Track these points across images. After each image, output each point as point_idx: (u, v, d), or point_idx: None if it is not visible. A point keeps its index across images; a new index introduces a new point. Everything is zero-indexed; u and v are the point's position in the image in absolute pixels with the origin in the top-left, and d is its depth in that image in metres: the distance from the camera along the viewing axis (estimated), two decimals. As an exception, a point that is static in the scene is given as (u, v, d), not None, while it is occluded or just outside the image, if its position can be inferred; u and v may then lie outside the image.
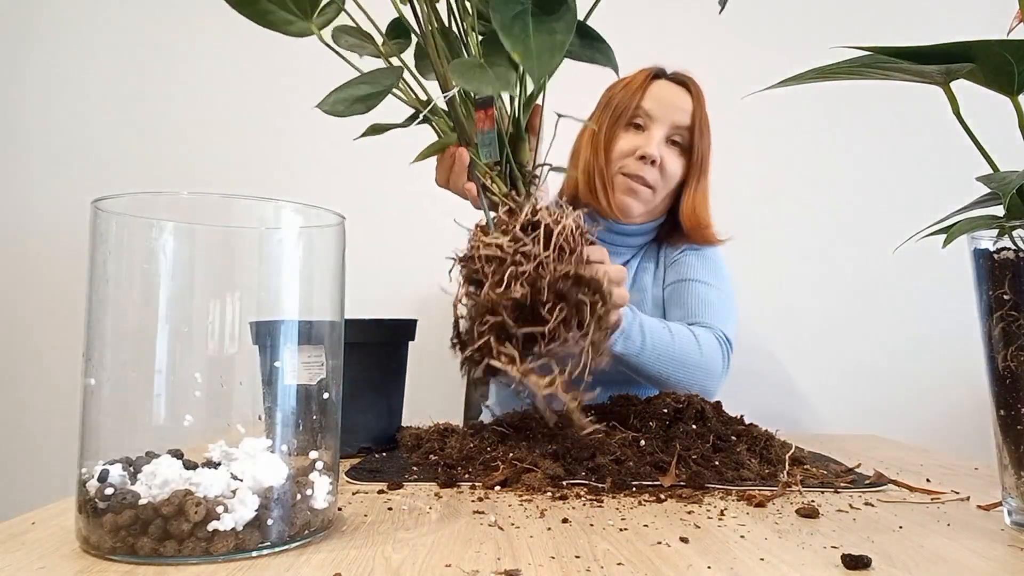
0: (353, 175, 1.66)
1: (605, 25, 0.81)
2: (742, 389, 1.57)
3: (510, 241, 0.67)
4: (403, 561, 0.43)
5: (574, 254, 0.68)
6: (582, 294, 0.65)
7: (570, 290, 0.65)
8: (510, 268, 0.66)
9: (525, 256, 0.67)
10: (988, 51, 0.45)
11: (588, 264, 0.71)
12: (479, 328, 0.66)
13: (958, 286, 1.65)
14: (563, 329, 0.66)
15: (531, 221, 0.68)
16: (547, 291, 0.64)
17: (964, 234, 0.50)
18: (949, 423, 1.68)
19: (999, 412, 0.52)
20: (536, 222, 0.68)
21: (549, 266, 0.66)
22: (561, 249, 0.67)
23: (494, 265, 0.67)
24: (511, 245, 0.67)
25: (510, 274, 0.65)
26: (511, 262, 0.66)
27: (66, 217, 1.67)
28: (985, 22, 1.66)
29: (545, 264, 0.66)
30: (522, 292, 0.64)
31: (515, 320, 0.65)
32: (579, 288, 0.66)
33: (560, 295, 0.65)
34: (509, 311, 0.65)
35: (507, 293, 0.64)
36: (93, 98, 1.71)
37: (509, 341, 0.66)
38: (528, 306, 0.65)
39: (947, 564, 0.44)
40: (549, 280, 0.65)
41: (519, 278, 0.65)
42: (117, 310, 0.46)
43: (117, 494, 0.43)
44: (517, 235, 0.67)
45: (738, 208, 1.70)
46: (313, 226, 0.50)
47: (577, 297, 0.65)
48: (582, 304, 0.65)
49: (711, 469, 0.68)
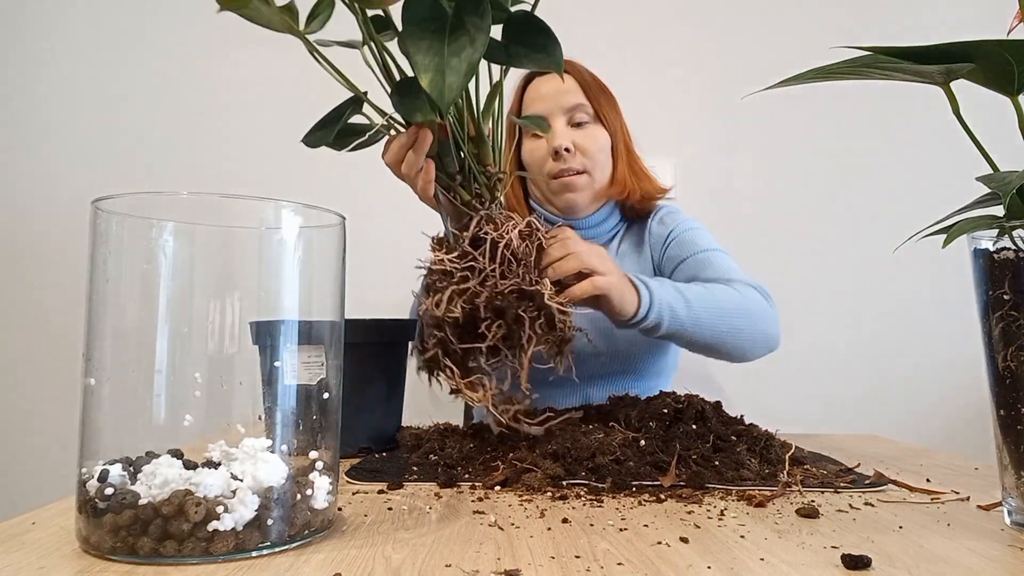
0: (353, 175, 1.65)
1: (605, 25, 0.80)
2: (742, 389, 1.57)
3: (456, 257, 0.68)
4: (403, 561, 0.43)
5: (522, 263, 0.68)
6: (522, 310, 0.66)
7: (508, 307, 0.66)
8: (452, 287, 0.67)
9: (471, 271, 0.67)
10: (988, 51, 0.45)
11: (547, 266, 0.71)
12: (429, 340, 0.68)
13: (958, 286, 1.65)
14: (503, 344, 0.67)
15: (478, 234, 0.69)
16: (484, 309, 0.65)
17: (964, 234, 0.50)
18: (949, 423, 1.68)
19: (999, 412, 0.52)
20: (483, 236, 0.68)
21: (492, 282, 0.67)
22: (509, 261, 0.68)
23: (445, 281, 0.68)
24: (455, 262, 0.67)
25: (452, 292, 0.66)
26: (457, 279, 0.67)
27: (66, 217, 1.67)
28: (985, 22, 1.66)
29: (487, 280, 0.67)
30: (460, 312, 0.66)
31: (459, 335, 0.67)
32: (520, 303, 0.66)
33: (498, 312, 0.66)
34: (452, 327, 0.67)
35: (448, 311, 0.65)
36: (93, 98, 1.71)
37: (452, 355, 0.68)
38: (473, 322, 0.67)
39: (947, 564, 0.44)
40: (487, 297, 0.66)
41: (459, 296, 0.66)
42: (117, 310, 0.46)
43: (117, 494, 0.43)
44: (465, 250, 0.68)
45: (738, 208, 1.71)
46: (313, 226, 0.50)
47: (516, 312, 0.66)
48: (520, 319, 0.66)
49: (711, 469, 0.68)
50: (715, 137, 1.74)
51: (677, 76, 1.73)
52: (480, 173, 0.73)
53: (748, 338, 0.94)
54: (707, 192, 1.70)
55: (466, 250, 0.68)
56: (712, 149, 1.73)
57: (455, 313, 0.65)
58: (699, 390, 0.86)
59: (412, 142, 0.72)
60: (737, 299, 0.94)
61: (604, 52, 1.65)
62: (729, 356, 0.96)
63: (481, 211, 0.71)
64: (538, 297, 0.66)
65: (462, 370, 0.69)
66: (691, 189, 1.67)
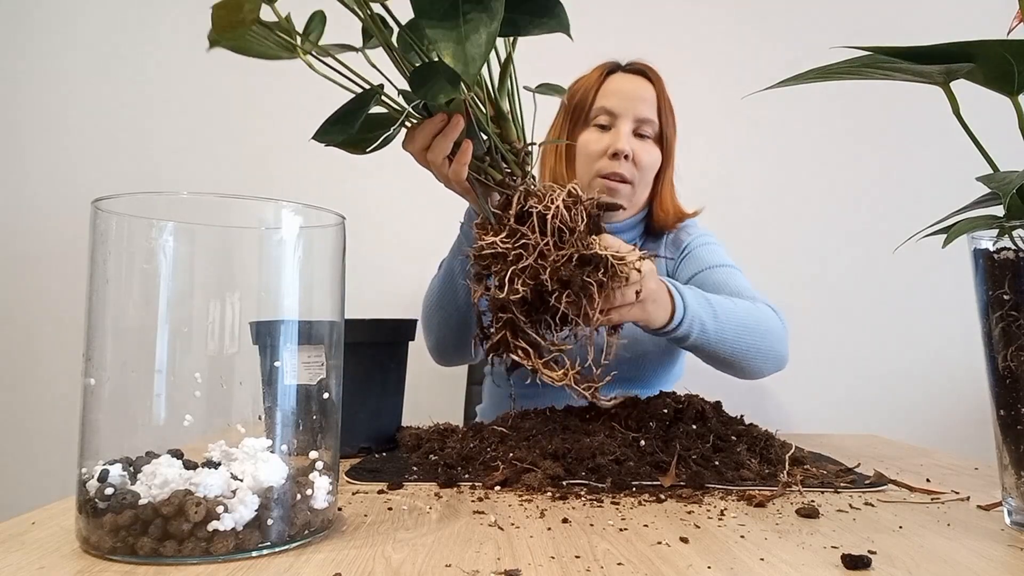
0: (353, 175, 1.66)
1: (604, 25, 0.80)
2: (742, 389, 1.57)
3: (506, 237, 0.67)
4: (403, 561, 0.43)
5: (575, 232, 0.67)
6: (587, 275, 0.65)
7: (574, 273, 0.65)
8: (511, 266, 0.66)
9: (525, 248, 0.66)
10: (988, 51, 0.45)
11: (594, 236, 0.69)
12: (496, 325, 0.67)
13: (958, 286, 1.65)
14: (574, 312, 0.66)
15: (522, 210, 0.68)
16: (551, 281, 0.64)
17: (964, 234, 0.50)
18: (949, 423, 1.68)
19: (999, 412, 0.52)
20: (528, 211, 0.67)
21: (550, 253, 0.65)
22: (560, 231, 0.66)
23: (499, 263, 0.67)
24: (507, 242, 0.67)
25: (512, 272, 0.65)
26: (512, 259, 0.66)
27: (66, 217, 1.67)
28: (985, 22, 1.66)
29: (546, 252, 0.66)
30: (524, 290, 0.65)
31: (528, 312, 0.66)
32: (583, 268, 0.65)
33: (564, 282, 0.65)
34: (519, 306, 0.66)
35: (512, 291, 0.65)
36: (93, 98, 1.71)
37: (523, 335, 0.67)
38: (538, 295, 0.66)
39: (947, 564, 0.44)
40: (551, 271, 0.65)
41: (521, 275, 0.65)
42: (117, 310, 0.46)
43: (117, 494, 0.43)
44: (513, 228, 0.67)
45: (738, 208, 1.71)
46: (313, 226, 0.50)
47: (582, 279, 0.65)
48: (588, 285, 0.65)
49: (711, 469, 0.68)
50: (715, 137, 1.74)
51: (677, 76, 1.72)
52: (507, 151, 0.72)
53: (763, 357, 0.94)
54: (707, 192, 1.70)
55: (514, 227, 0.67)
56: (712, 149, 1.73)
57: (520, 292, 0.65)
58: (699, 390, 0.86)
59: (441, 127, 0.70)
60: (758, 317, 0.95)
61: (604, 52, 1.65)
62: (742, 372, 0.97)
63: (519, 187, 0.70)
64: (597, 260, 0.66)
65: (537, 350, 0.68)
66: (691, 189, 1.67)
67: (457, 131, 0.70)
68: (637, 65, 1.15)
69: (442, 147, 0.71)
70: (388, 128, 0.69)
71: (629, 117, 1.10)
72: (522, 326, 0.67)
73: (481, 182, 0.74)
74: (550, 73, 0.85)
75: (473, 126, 0.70)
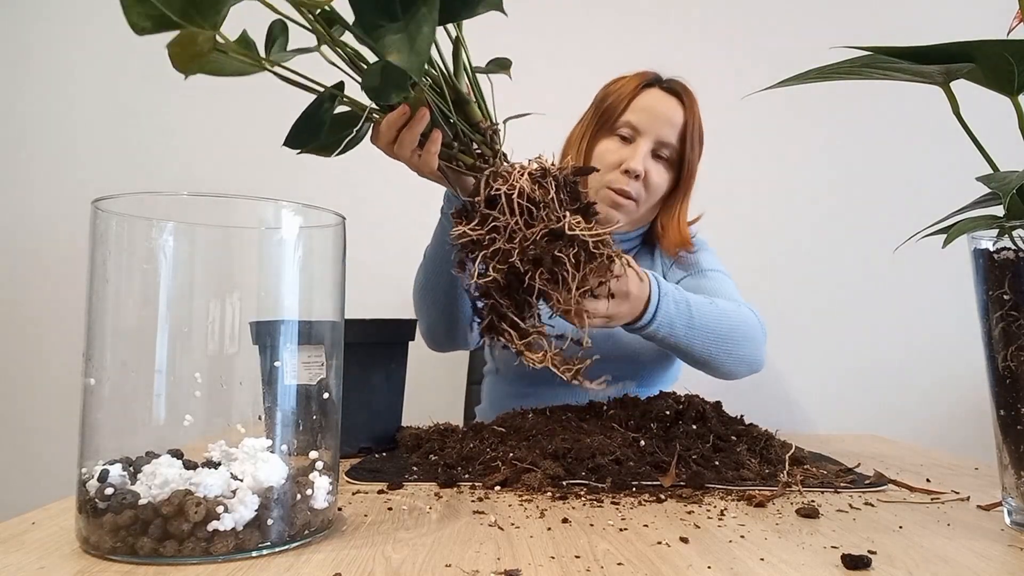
0: (352, 175, 1.66)
1: (603, 24, 0.80)
2: (742, 389, 1.57)
3: (476, 224, 0.67)
4: (403, 561, 0.43)
5: (542, 207, 0.66)
6: (558, 251, 0.65)
7: (543, 252, 0.65)
8: (482, 252, 0.66)
9: (497, 232, 0.66)
10: (988, 51, 0.45)
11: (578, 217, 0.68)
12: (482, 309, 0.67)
13: (958, 286, 1.65)
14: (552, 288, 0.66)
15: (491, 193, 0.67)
16: (522, 262, 0.65)
17: (964, 234, 0.50)
18: (949, 423, 1.68)
19: (999, 412, 0.52)
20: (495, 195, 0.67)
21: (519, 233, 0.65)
22: (528, 209, 0.66)
23: (476, 249, 0.67)
24: (477, 228, 0.66)
25: (483, 257, 0.66)
26: (484, 244, 0.66)
27: (66, 217, 1.67)
28: (985, 22, 1.66)
29: (515, 235, 0.65)
30: (496, 275, 0.65)
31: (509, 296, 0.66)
32: (555, 243, 0.65)
33: (536, 260, 0.65)
34: (498, 292, 0.66)
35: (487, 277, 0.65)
36: (93, 98, 1.71)
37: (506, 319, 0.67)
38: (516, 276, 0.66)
39: (947, 564, 0.44)
40: (519, 252, 0.65)
41: (492, 260, 0.65)
42: (117, 310, 0.46)
43: (117, 494, 0.43)
44: (484, 213, 0.67)
45: (738, 208, 1.71)
46: (313, 226, 0.50)
47: (553, 255, 0.65)
48: (560, 259, 0.65)
49: (711, 469, 0.68)
50: (714, 137, 1.73)
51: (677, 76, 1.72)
52: (473, 132, 0.72)
53: (735, 361, 0.95)
54: (706, 192, 1.70)
55: (484, 213, 0.66)
56: (711, 149, 1.73)
57: (491, 276, 0.65)
58: (699, 390, 0.86)
59: (404, 120, 0.70)
60: (734, 321, 0.95)
61: (604, 52, 1.65)
62: (715, 373, 0.98)
63: (486, 169, 0.70)
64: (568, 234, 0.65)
65: (519, 332, 0.68)
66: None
67: (422, 123, 0.70)
68: (675, 85, 1.14)
69: (407, 140, 0.71)
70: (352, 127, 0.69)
71: (651, 137, 1.09)
72: (504, 310, 0.67)
73: (453, 169, 0.74)
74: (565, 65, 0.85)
75: (435, 115, 0.70)
